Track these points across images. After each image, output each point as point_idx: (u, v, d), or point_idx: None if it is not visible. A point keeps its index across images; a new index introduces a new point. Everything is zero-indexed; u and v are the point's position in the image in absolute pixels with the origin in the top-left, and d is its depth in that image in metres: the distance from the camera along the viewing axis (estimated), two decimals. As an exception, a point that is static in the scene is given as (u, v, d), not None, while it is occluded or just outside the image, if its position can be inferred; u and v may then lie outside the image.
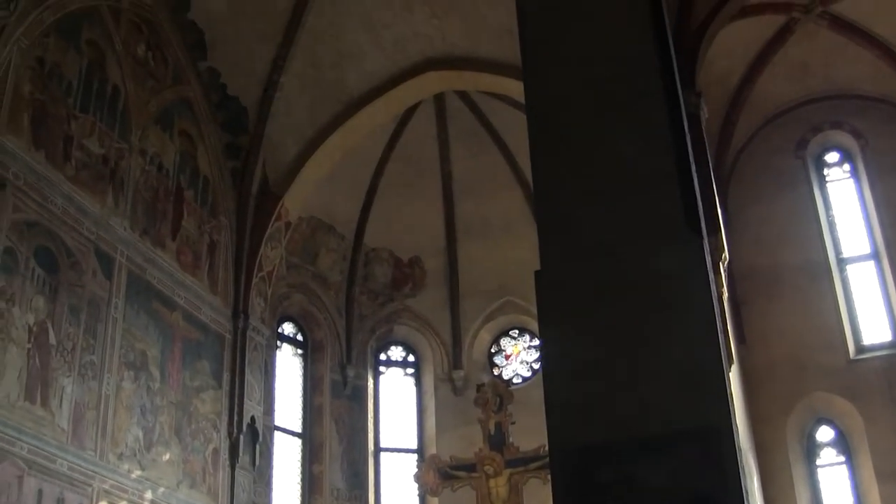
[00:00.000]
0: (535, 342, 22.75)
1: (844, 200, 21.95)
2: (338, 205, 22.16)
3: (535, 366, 22.66)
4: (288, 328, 21.71)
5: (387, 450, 22.46)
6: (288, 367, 21.40)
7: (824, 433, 20.26)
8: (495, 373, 22.94)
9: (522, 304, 22.53)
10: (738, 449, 4.18)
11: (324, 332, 22.00)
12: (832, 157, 22.31)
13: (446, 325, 23.14)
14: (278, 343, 21.13)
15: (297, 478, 20.72)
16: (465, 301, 23.20)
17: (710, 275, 4.53)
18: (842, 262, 21.37)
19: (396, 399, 23.03)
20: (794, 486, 19.59)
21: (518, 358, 23.24)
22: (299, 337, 21.92)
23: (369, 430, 22.10)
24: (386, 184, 22.68)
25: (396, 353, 23.40)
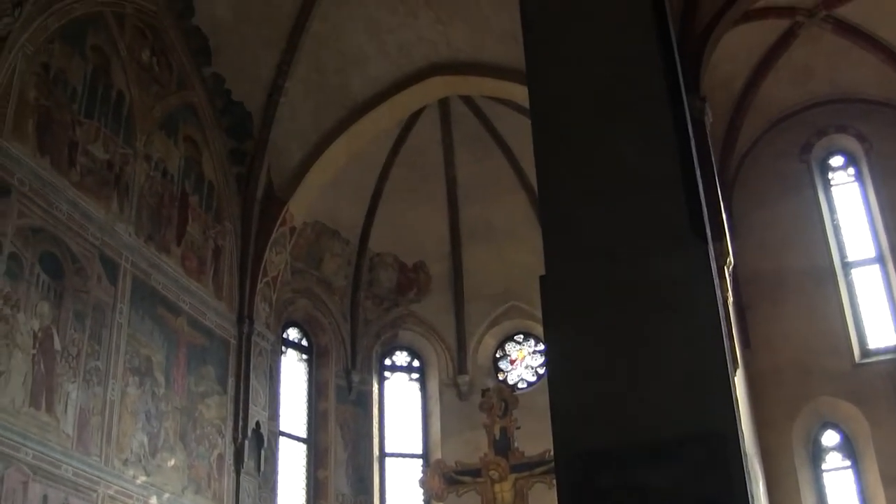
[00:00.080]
0: (540, 347, 22.75)
1: (849, 204, 21.92)
2: (342, 210, 22.18)
3: (541, 370, 22.66)
4: (293, 333, 21.71)
5: (392, 455, 22.46)
6: (293, 372, 21.41)
7: (830, 437, 20.23)
8: (500, 378, 22.94)
9: (527, 309, 22.53)
10: (744, 454, 4.17)
11: (329, 338, 22.00)
12: (837, 160, 22.29)
13: (451, 329, 23.14)
14: (283, 348, 21.15)
15: (302, 483, 20.72)
16: (470, 306, 23.20)
17: (715, 279, 4.52)
18: (847, 265, 21.34)
19: (401, 404, 23.03)
20: (799, 490, 19.55)
21: (523, 363, 23.24)
22: (304, 342, 21.93)
23: (374, 436, 22.11)
24: (391, 189, 22.69)
25: (401, 358, 23.41)
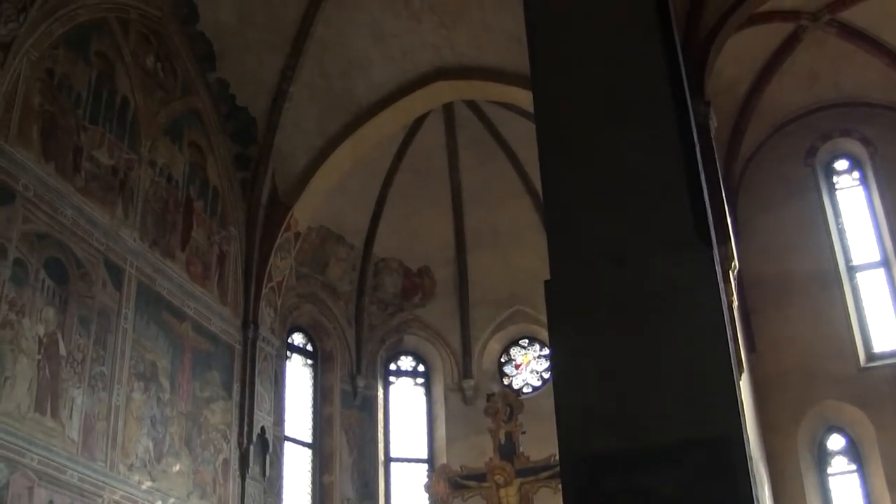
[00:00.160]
0: (545, 351, 22.76)
1: (854, 208, 21.92)
2: (347, 215, 22.18)
3: (545, 375, 22.65)
4: (298, 338, 21.72)
5: (397, 460, 22.45)
6: (298, 377, 21.41)
7: (835, 441, 20.21)
8: (505, 382, 22.92)
9: (532, 314, 22.53)
10: (749, 458, 4.16)
11: (333, 343, 22.00)
12: (841, 164, 22.29)
13: (456, 334, 23.14)
14: (288, 353, 21.15)
15: (307, 488, 20.71)
16: (475, 310, 23.20)
17: (720, 283, 4.51)
18: (851, 269, 21.34)
19: (406, 409, 23.03)
20: (805, 494, 19.54)
21: (528, 367, 23.23)
22: (309, 347, 21.93)
23: (379, 440, 22.10)
24: (395, 193, 22.69)
25: (406, 362, 23.41)
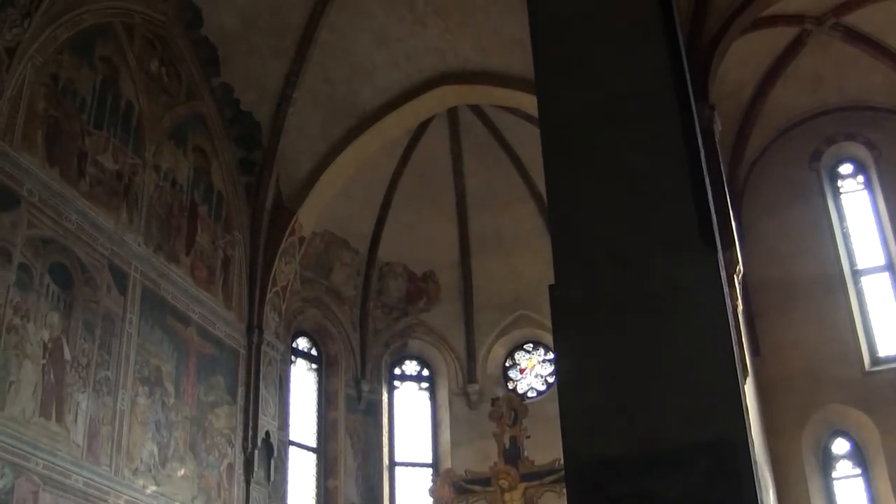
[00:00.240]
0: (550, 356, 22.75)
1: (858, 212, 21.89)
2: (352, 219, 22.18)
3: (550, 379, 22.63)
4: (302, 343, 21.72)
5: (402, 464, 22.44)
6: (302, 381, 21.41)
7: (840, 445, 20.17)
8: (510, 387, 22.91)
9: (537, 318, 22.52)
10: (754, 462, 4.16)
11: (338, 347, 22.00)
12: (846, 168, 22.25)
13: (461, 339, 23.12)
14: (293, 358, 21.15)
15: (311, 493, 20.70)
16: (480, 315, 23.19)
17: (725, 287, 4.51)
18: (856, 273, 21.30)
19: (411, 413, 23.01)
20: (809, 498, 19.50)
21: (533, 371, 23.22)
22: (314, 352, 21.93)
23: (384, 445, 22.10)
24: (400, 198, 22.69)
25: (411, 367, 23.40)
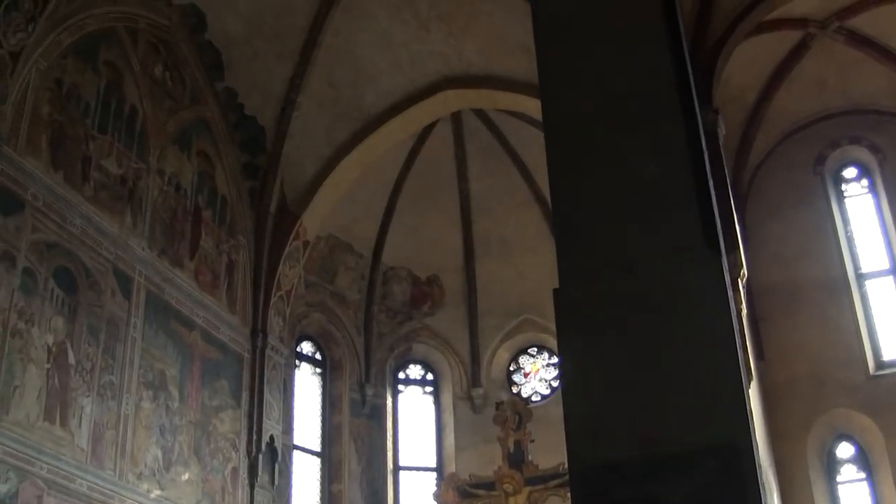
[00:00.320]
0: (554, 360, 22.73)
1: (863, 216, 21.87)
2: (356, 223, 22.18)
3: (554, 383, 22.63)
4: (306, 347, 21.72)
5: (406, 468, 22.44)
6: (307, 385, 21.41)
7: (844, 449, 20.15)
8: (514, 391, 22.91)
9: (541, 322, 22.52)
10: (758, 466, 4.16)
11: (342, 351, 22.00)
12: (850, 172, 22.24)
13: (465, 343, 23.12)
14: (297, 362, 21.15)
15: (316, 497, 20.71)
16: (484, 319, 23.19)
17: (729, 291, 4.51)
18: (860, 277, 21.28)
19: (415, 417, 23.02)
20: (814, 502, 19.48)
21: (537, 375, 23.22)
22: (318, 356, 21.93)
23: (388, 449, 22.09)
24: (404, 202, 22.69)
25: (415, 371, 23.40)
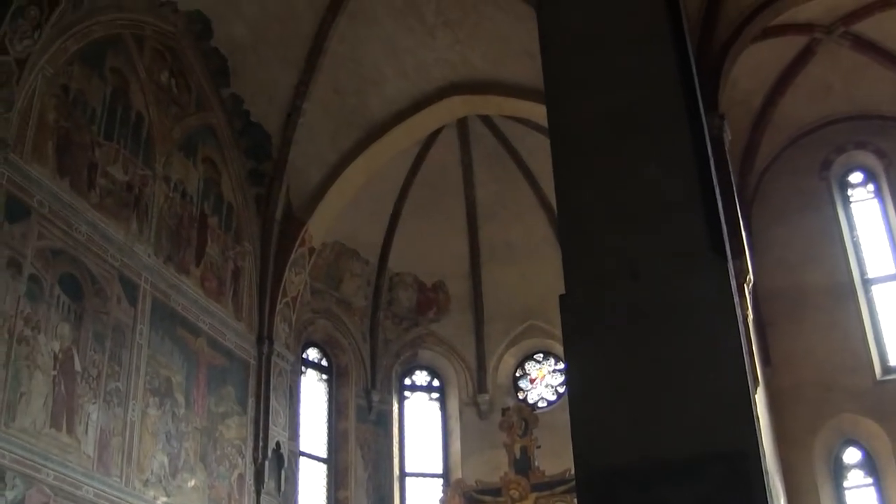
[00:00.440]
0: (560, 366, 22.71)
1: (869, 221, 21.82)
2: (361, 230, 22.18)
3: (560, 389, 22.60)
4: (312, 353, 21.71)
5: (412, 475, 22.42)
6: (313, 392, 21.41)
7: (851, 455, 20.10)
8: (520, 397, 22.89)
9: (547, 328, 22.50)
10: (765, 472, 4.15)
11: (348, 357, 21.99)
12: (856, 177, 22.19)
13: (471, 349, 23.11)
14: (303, 368, 21.14)
15: (322, 503, 20.69)
16: (490, 325, 23.17)
17: (735, 296, 4.50)
18: (867, 282, 21.24)
19: (421, 423, 23.01)
20: (821, 508, 19.46)
21: (543, 381, 23.19)
22: (324, 362, 21.93)
23: (394, 455, 22.07)
24: (409, 208, 22.69)
25: (421, 377, 23.38)
